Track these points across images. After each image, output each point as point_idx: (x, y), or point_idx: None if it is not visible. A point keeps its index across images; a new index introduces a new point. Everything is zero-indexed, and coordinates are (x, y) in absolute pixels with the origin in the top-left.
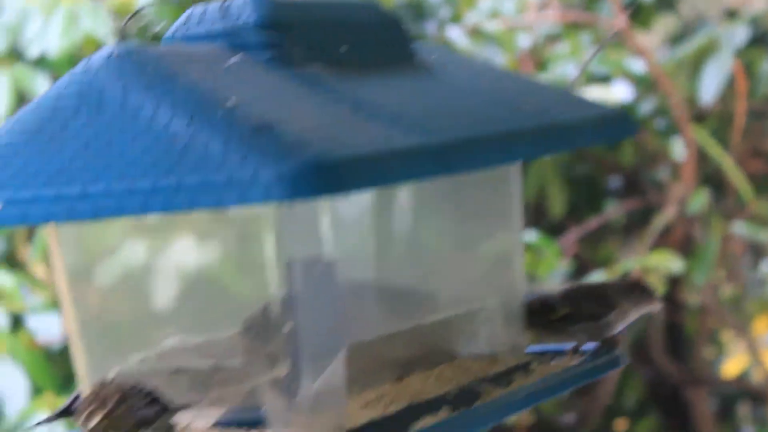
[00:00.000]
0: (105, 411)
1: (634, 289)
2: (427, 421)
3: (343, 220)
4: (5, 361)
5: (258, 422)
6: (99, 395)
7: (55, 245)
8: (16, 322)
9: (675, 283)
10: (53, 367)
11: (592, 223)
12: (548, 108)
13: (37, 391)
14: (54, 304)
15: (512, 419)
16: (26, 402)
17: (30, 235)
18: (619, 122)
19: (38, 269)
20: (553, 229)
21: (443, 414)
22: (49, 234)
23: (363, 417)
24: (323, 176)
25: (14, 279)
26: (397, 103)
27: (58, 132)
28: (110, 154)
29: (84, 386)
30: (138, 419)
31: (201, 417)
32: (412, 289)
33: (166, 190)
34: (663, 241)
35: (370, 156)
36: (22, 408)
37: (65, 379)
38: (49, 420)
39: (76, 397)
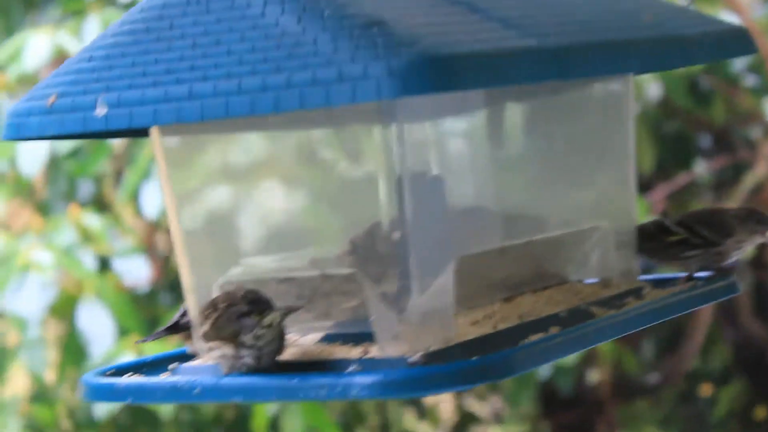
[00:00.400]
0: (215, 316)
1: (750, 217)
2: (537, 337)
3: (454, 137)
4: (92, 302)
5: (364, 337)
6: (213, 303)
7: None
8: (104, 265)
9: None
10: (139, 310)
11: (681, 180)
12: (666, 20)
13: (122, 332)
14: (140, 248)
15: (596, 377)
16: (112, 343)
17: (118, 178)
18: (737, 39)
19: (125, 212)
20: (642, 186)
21: (553, 331)
22: (156, 146)
23: (472, 333)
24: (435, 71)
25: (102, 222)
26: (513, 6)
27: (166, 32)
28: (218, 53)
29: (189, 300)
30: (238, 324)
31: (308, 331)
32: (522, 208)
33: (274, 88)
34: (753, 199)
35: (483, 53)
36: (108, 349)
37: (150, 322)
38: (157, 336)
39: (183, 314)
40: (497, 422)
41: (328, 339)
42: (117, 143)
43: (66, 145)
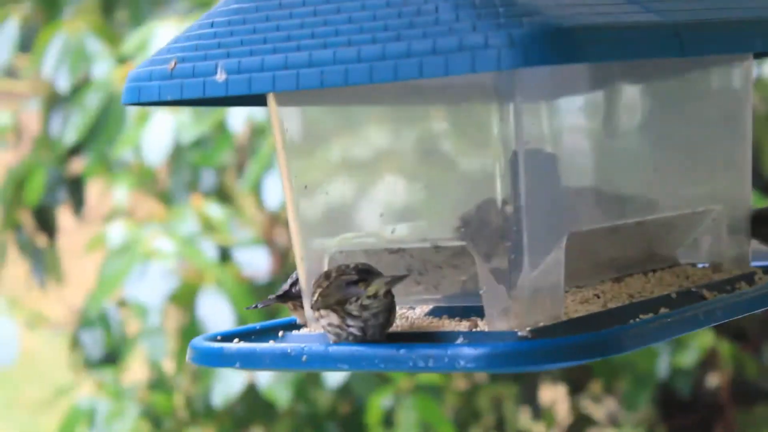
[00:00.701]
0: (326, 285)
1: None
2: (645, 317)
3: (569, 116)
4: (212, 292)
5: (473, 311)
6: (327, 273)
7: (276, 121)
8: (224, 255)
9: None
10: (257, 300)
11: None
12: None
13: (241, 322)
14: (261, 239)
15: (715, 381)
16: None
17: (240, 169)
18: None
19: (247, 203)
20: (765, 188)
21: (664, 312)
22: (272, 112)
23: (581, 311)
24: (556, 42)
25: (224, 212)
26: None
27: None
28: (338, 20)
29: (300, 269)
30: (345, 292)
31: (416, 304)
32: (635, 188)
33: (394, 57)
34: None
35: (604, 26)
36: None
37: (268, 312)
38: (267, 303)
39: (294, 282)
40: (613, 425)
41: (437, 312)
42: (240, 136)
43: (190, 135)
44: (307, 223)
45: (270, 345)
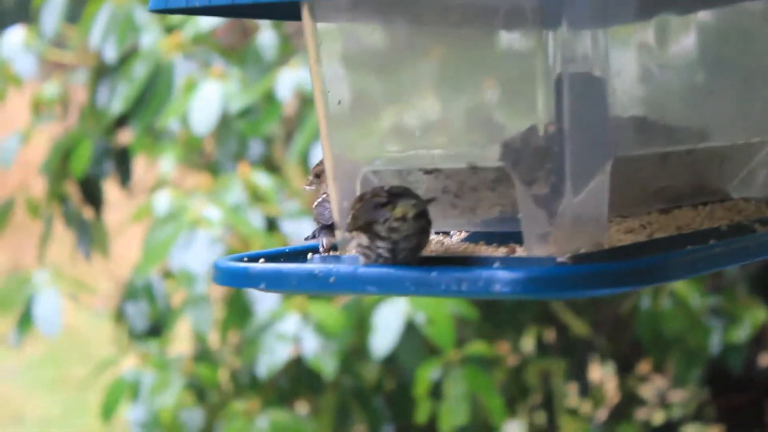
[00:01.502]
0: (358, 207)
1: None
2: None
3: (620, 42)
4: None
5: (511, 237)
6: (361, 195)
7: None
8: (271, 225)
9: None
10: None
11: None
12: None
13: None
14: (308, 211)
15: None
16: (277, 303)
17: (288, 140)
18: None
19: (294, 174)
20: None
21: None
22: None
23: (625, 240)
24: None
25: (271, 182)
26: None
27: None
28: None
29: (332, 191)
30: (374, 213)
31: (453, 229)
32: (688, 116)
33: None
34: None
35: None
36: (273, 308)
37: None
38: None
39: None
40: (661, 404)
41: (473, 238)
42: (288, 106)
43: (237, 104)
44: (339, 141)
45: (296, 265)
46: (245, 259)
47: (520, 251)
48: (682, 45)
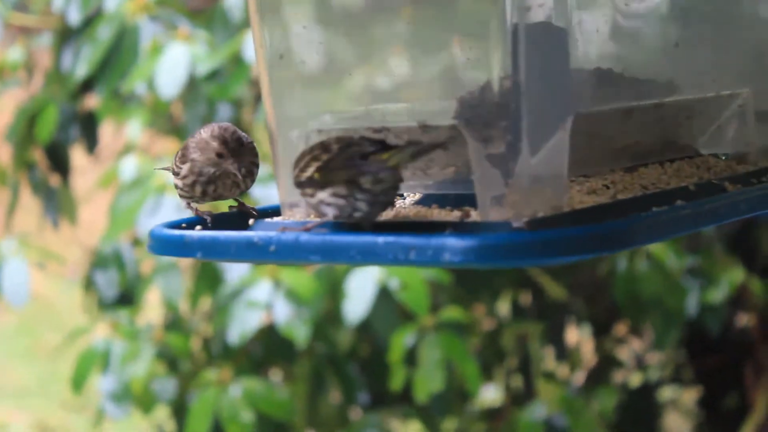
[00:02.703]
0: (326, 158)
1: None
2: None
3: None
4: None
5: (465, 199)
6: (322, 145)
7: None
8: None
9: None
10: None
11: None
12: None
13: None
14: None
15: (745, 320)
16: (247, 269)
17: (257, 103)
18: None
19: (264, 137)
20: None
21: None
22: None
23: (587, 202)
24: None
25: None
26: None
27: None
28: None
29: (275, 149)
30: (359, 164)
31: (404, 191)
32: (653, 68)
33: None
34: None
35: None
36: (243, 276)
37: None
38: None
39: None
40: (638, 366)
41: (426, 201)
42: (256, 68)
43: (205, 67)
44: (281, 98)
45: (235, 233)
46: (183, 225)
47: (474, 215)
48: None
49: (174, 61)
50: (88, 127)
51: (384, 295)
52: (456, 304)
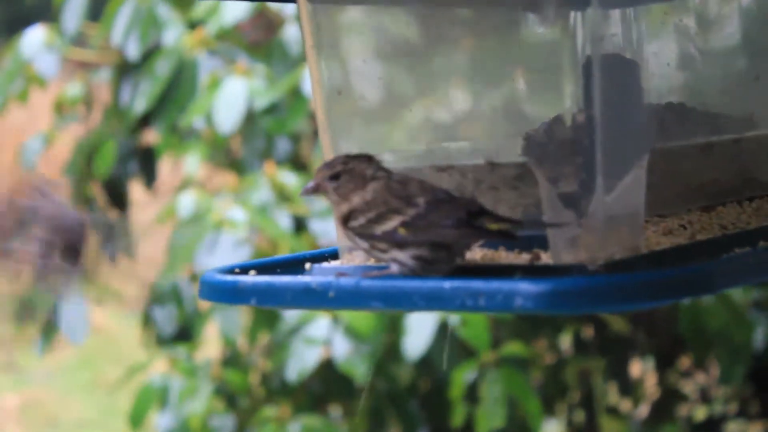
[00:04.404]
0: (412, 215)
1: None
2: (741, 251)
3: (654, 24)
4: None
5: (535, 241)
6: (405, 195)
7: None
8: (299, 225)
9: None
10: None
11: None
12: None
13: None
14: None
15: None
16: None
17: (315, 137)
18: None
19: None
20: None
21: (763, 246)
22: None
23: (664, 243)
24: None
25: (299, 180)
26: None
27: None
28: None
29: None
30: (456, 231)
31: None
32: (732, 103)
33: None
34: None
35: None
36: (303, 312)
37: None
38: None
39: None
40: (703, 400)
41: (492, 244)
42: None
43: (263, 101)
44: (340, 134)
45: (291, 278)
46: (236, 270)
47: (545, 258)
48: (724, 26)
49: (232, 96)
50: (147, 161)
51: (444, 330)
52: (517, 339)
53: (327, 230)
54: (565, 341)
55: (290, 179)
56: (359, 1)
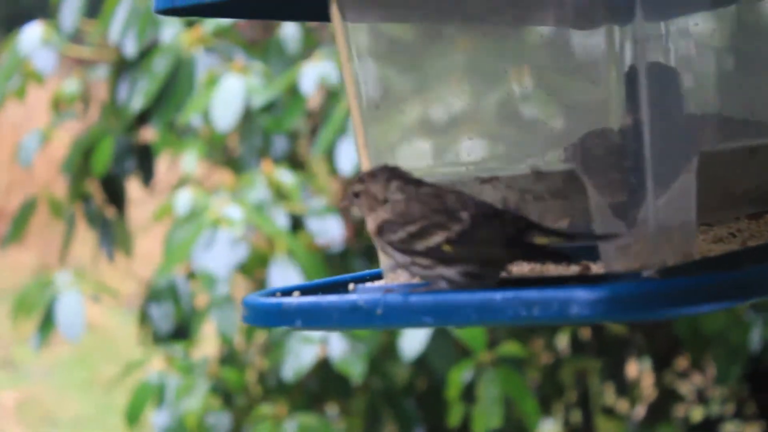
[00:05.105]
0: (458, 230)
1: None
2: None
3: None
4: (284, 261)
5: (584, 251)
6: (445, 209)
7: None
8: (296, 223)
9: None
10: (330, 269)
11: None
12: None
13: None
14: (334, 208)
15: None
16: None
17: (313, 135)
18: None
19: (320, 170)
20: None
21: None
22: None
23: (717, 250)
24: None
25: (296, 179)
26: None
27: None
28: None
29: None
30: (503, 250)
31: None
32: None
33: None
34: None
35: None
36: None
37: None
38: None
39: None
40: (700, 401)
41: (542, 256)
42: (312, 100)
43: (260, 99)
44: (379, 149)
45: (337, 297)
46: (278, 293)
47: (595, 268)
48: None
49: (229, 94)
50: (144, 159)
51: (440, 330)
52: (514, 339)
53: (323, 229)
54: (562, 341)
55: (287, 178)
56: (396, 18)
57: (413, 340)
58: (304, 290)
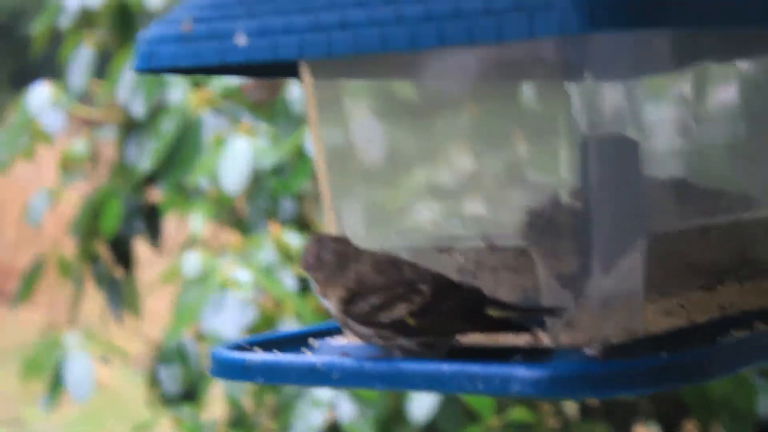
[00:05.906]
0: (419, 302)
1: None
2: (739, 334)
3: (652, 99)
4: (291, 322)
5: (537, 323)
6: (405, 281)
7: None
8: (304, 285)
9: None
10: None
11: None
12: None
13: None
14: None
15: None
16: None
17: (320, 197)
18: None
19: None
20: None
21: (760, 329)
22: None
23: (662, 324)
24: (632, 1)
25: (303, 241)
26: None
27: None
28: None
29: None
30: (462, 324)
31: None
32: (729, 182)
33: (439, 18)
34: None
35: None
36: None
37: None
38: None
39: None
40: None
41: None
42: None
43: (268, 161)
44: (344, 214)
45: (296, 357)
46: (248, 345)
47: (544, 340)
48: (724, 99)
49: (237, 155)
50: (152, 219)
51: (449, 394)
52: (522, 404)
53: None
54: (571, 406)
55: (295, 240)
56: (364, 75)
57: (422, 404)
58: (268, 342)
